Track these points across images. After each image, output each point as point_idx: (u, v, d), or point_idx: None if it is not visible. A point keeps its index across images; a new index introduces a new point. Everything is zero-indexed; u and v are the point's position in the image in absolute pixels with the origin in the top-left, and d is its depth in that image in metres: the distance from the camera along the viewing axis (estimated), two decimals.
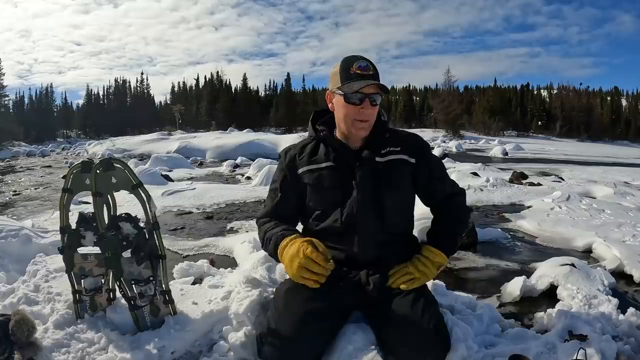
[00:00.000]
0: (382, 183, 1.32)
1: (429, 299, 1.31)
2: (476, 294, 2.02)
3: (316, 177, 1.35)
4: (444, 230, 1.39)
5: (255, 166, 8.09)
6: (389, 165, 1.34)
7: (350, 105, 1.28)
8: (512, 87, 61.04)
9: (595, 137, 42.52)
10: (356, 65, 1.27)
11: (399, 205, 1.36)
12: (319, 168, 1.36)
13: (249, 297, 1.46)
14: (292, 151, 1.42)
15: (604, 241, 2.82)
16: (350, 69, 1.27)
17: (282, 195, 1.40)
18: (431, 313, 1.23)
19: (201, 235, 3.41)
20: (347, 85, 1.27)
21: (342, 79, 1.28)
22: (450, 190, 1.43)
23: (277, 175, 1.43)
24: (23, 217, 4.32)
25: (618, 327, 1.54)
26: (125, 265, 1.40)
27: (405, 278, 1.29)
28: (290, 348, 1.19)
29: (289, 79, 54.92)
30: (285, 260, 1.24)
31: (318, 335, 1.24)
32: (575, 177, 7.80)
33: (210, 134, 21.84)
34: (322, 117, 1.44)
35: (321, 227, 1.35)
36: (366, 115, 1.28)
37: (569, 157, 16.62)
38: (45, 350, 1.31)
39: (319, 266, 1.19)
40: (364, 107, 1.27)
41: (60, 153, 21.58)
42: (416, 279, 1.29)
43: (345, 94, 1.28)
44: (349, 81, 1.26)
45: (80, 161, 1.50)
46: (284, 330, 1.20)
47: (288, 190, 1.40)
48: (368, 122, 1.31)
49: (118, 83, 59.66)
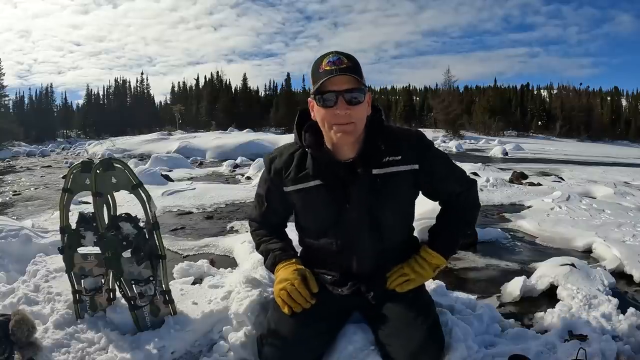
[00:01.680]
0: (380, 199, 1.20)
1: (425, 299, 1.31)
2: (476, 294, 2.02)
3: (305, 198, 1.24)
4: (445, 230, 1.33)
5: (255, 166, 8.10)
6: (388, 179, 1.19)
7: (324, 109, 1.12)
8: (512, 87, 61.05)
9: (595, 137, 42.49)
10: (325, 62, 1.10)
11: (398, 219, 1.28)
12: (307, 187, 1.23)
13: (249, 297, 1.46)
14: (277, 162, 1.28)
15: (604, 241, 2.82)
16: (319, 67, 1.11)
17: (267, 206, 1.34)
18: (426, 314, 1.23)
19: (201, 235, 3.41)
20: (318, 86, 1.11)
21: (313, 81, 1.13)
22: (457, 187, 1.31)
23: (262, 184, 1.34)
24: (23, 217, 4.32)
25: (618, 327, 1.54)
26: (125, 265, 1.39)
27: (400, 280, 1.27)
28: (290, 349, 1.19)
29: (289, 79, 54.93)
30: (276, 278, 1.28)
31: (317, 337, 1.23)
32: (575, 177, 7.80)
33: (210, 134, 21.85)
34: (308, 119, 1.25)
35: (316, 247, 1.31)
36: (343, 117, 1.10)
37: (569, 157, 16.61)
38: (45, 350, 1.31)
39: (301, 298, 1.20)
40: (339, 108, 1.10)
41: (60, 153, 21.60)
42: (411, 280, 1.26)
43: (316, 97, 1.13)
44: (319, 81, 1.10)
45: (80, 161, 1.50)
46: (284, 331, 1.20)
47: (273, 202, 1.33)
48: (351, 124, 1.12)
49: (118, 83, 59.67)
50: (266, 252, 1.34)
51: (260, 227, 1.39)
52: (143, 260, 1.40)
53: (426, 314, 1.23)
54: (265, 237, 1.37)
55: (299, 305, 1.20)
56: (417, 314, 1.20)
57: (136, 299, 1.42)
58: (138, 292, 1.43)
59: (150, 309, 1.44)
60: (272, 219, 1.38)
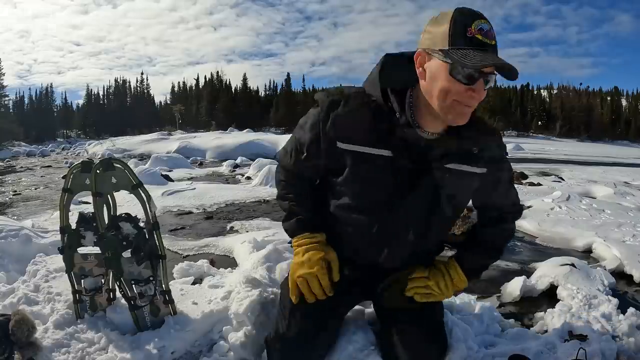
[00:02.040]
0: (443, 197, 1.06)
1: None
2: (476, 294, 2.01)
3: (362, 163, 1.02)
4: (479, 255, 1.22)
5: (255, 166, 8.08)
6: (458, 177, 1.05)
7: (455, 82, 0.89)
8: (512, 87, 61.04)
9: (595, 137, 42.57)
10: (476, 27, 0.87)
11: (448, 222, 1.17)
12: (370, 154, 1.01)
13: (249, 297, 1.46)
14: (340, 109, 1.02)
15: (604, 241, 2.81)
16: (468, 29, 0.87)
17: (306, 157, 1.11)
18: (430, 315, 1.22)
19: (201, 235, 3.41)
20: (462, 51, 0.86)
21: (452, 38, 0.87)
22: (510, 207, 1.21)
23: (308, 128, 1.08)
24: (23, 217, 4.31)
25: (618, 327, 1.54)
26: (125, 265, 1.40)
27: (422, 291, 1.17)
28: (300, 354, 1.18)
29: (289, 79, 54.96)
30: (297, 255, 1.14)
31: (325, 341, 1.23)
32: (575, 177, 7.81)
33: (210, 134, 21.87)
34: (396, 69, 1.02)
35: (347, 222, 1.11)
36: (476, 99, 0.92)
37: (569, 157, 16.62)
38: (45, 350, 1.31)
39: (320, 290, 1.10)
40: (476, 90, 0.90)
41: (60, 153, 21.59)
42: (432, 296, 1.17)
43: (455, 64, 0.88)
44: (465, 47, 0.86)
45: (80, 161, 1.50)
46: (292, 337, 1.17)
47: (316, 154, 1.08)
48: (471, 108, 0.94)
49: (118, 83, 59.71)
50: (290, 212, 1.17)
51: (292, 178, 1.18)
52: (143, 260, 1.40)
53: (430, 314, 1.22)
54: (292, 193, 1.18)
55: (313, 297, 1.11)
56: (421, 314, 1.19)
57: (136, 299, 1.42)
58: (138, 292, 1.43)
59: (150, 309, 1.44)
60: (306, 172, 1.16)
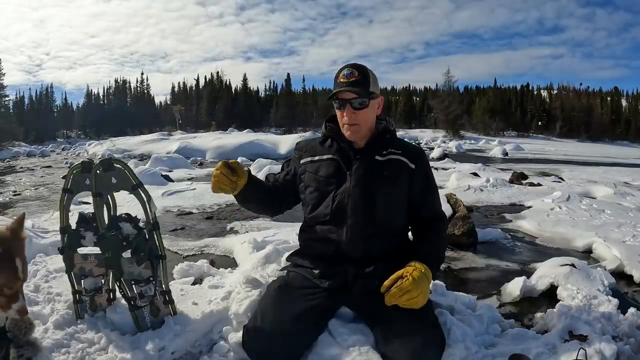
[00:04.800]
0: (377, 177, 1.38)
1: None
2: (476, 294, 2.01)
3: (316, 166, 1.46)
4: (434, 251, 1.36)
5: (255, 166, 8.08)
6: (388, 163, 1.40)
7: (338, 111, 1.42)
8: (512, 87, 61.09)
9: (595, 138, 42.55)
10: (341, 74, 1.38)
11: (391, 201, 1.38)
12: (320, 159, 1.46)
13: (249, 298, 1.46)
14: (302, 143, 1.57)
15: (604, 241, 2.81)
16: (338, 77, 1.39)
17: (282, 169, 1.59)
18: (425, 314, 1.24)
19: (201, 236, 3.41)
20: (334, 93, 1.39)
21: (333, 88, 1.42)
22: (438, 209, 1.48)
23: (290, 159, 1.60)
24: None
25: (618, 327, 1.54)
26: (125, 265, 1.40)
27: (406, 297, 1.19)
28: (271, 344, 1.24)
29: (289, 79, 55.07)
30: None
31: (299, 334, 1.27)
32: (575, 178, 7.81)
33: (210, 134, 21.85)
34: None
35: (313, 215, 1.43)
36: (350, 119, 1.37)
37: (568, 157, 16.63)
38: (45, 351, 1.30)
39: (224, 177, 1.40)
40: (346, 112, 1.37)
41: (60, 153, 21.56)
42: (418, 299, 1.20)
43: (332, 101, 1.42)
44: (335, 89, 1.39)
45: (80, 161, 1.50)
46: (267, 325, 1.25)
47: (288, 168, 1.56)
48: (356, 125, 1.38)
49: (118, 83, 59.73)
50: None
51: (267, 179, 1.59)
52: (143, 261, 1.40)
53: (425, 314, 1.24)
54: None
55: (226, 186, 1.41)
56: (417, 314, 1.21)
57: (136, 299, 1.42)
58: (138, 292, 1.43)
59: (150, 309, 1.44)
60: (280, 177, 1.56)
